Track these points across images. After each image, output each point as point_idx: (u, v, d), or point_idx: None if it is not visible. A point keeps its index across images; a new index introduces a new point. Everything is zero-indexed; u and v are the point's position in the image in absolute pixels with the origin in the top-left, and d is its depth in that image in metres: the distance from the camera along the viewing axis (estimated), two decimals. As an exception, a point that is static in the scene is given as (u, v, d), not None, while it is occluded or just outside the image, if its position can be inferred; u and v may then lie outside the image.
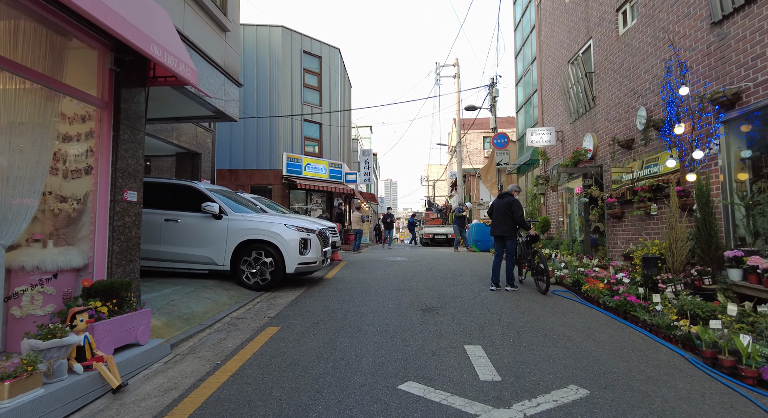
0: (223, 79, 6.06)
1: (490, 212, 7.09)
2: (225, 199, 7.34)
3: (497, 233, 6.72)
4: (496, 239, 6.85)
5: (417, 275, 8.29)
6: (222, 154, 16.97)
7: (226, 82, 6.27)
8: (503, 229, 6.62)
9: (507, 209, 6.62)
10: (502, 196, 6.86)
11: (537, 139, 9.77)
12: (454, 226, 16.08)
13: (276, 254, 6.65)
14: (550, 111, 11.03)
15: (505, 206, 6.67)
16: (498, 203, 6.83)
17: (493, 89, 15.85)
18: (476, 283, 7.21)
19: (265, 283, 6.66)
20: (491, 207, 7.07)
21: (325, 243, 7.54)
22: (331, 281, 7.71)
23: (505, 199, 6.74)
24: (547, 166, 11.10)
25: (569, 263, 7.17)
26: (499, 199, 6.87)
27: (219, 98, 5.98)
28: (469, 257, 12.03)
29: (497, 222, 6.72)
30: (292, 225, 6.87)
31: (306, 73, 18.45)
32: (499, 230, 6.67)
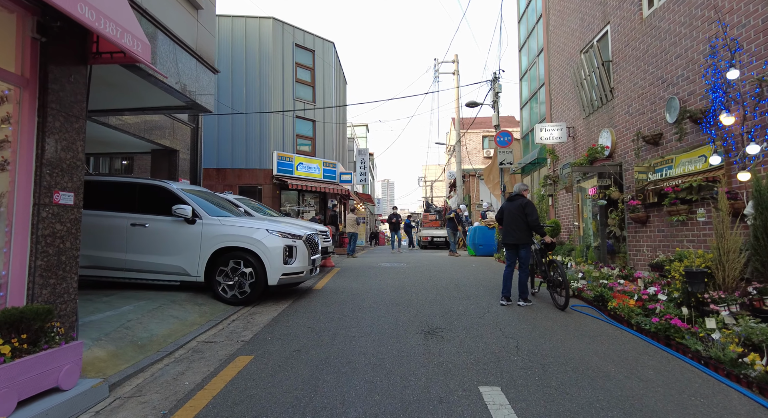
0: (194, 63, 5.31)
1: (500, 217, 6.37)
2: (201, 201, 6.59)
3: (510, 241, 5.99)
4: (507, 247, 6.13)
5: (416, 284, 7.55)
6: (209, 152, 16.20)
7: (199, 68, 5.52)
8: (517, 235, 5.90)
9: (520, 213, 5.91)
10: (513, 199, 6.14)
11: (546, 135, 9.07)
12: (447, 229, 15.45)
13: (256, 263, 5.91)
14: (559, 106, 10.33)
15: (518, 209, 5.95)
16: (509, 207, 6.11)
17: (495, 84, 15.15)
18: (484, 295, 6.48)
19: (244, 296, 5.91)
20: (500, 211, 6.35)
21: (314, 250, 6.80)
22: (321, 292, 6.96)
23: (516, 202, 6.02)
24: (556, 166, 10.40)
25: (587, 273, 6.46)
26: (510, 202, 6.15)
27: (189, 85, 5.22)
28: (471, 263, 11.30)
29: (509, 228, 6.00)
30: (275, 230, 6.12)
31: (298, 68, 17.70)
32: (512, 237, 5.95)
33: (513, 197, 6.17)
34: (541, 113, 12.16)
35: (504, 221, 6.19)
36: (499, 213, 6.38)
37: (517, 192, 6.17)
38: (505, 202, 6.28)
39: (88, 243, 6.00)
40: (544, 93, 11.59)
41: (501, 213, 6.34)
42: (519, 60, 14.64)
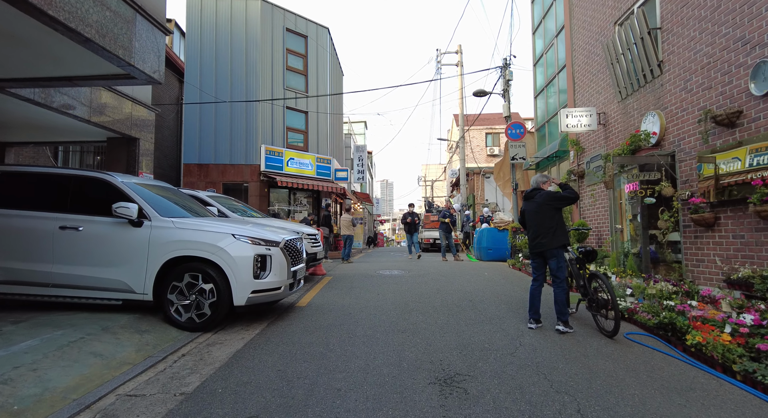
0: (132, 14, 4.07)
1: (522, 220, 5.18)
2: (154, 198, 5.38)
3: (538, 248, 4.80)
4: (533, 256, 4.92)
5: (422, 300, 6.33)
6: (190, 146, 14.97)
7: (142, 25, 4.28)
8: (544, 241, 4.70)
9: (545, 208, 4.73)
10: (531, 196, 4.96)
11: (573, 122, 7.86)
12: (440, 232, 14.16)
13: (219, 277, 4.69)
14: (585, 90, 9.12)
15: (540, 207, 4.77)
16: (530, 207, 4.94)
17: (506, 71, 13.94)
18: (507, 317, 5.25)
19: (204, 320, 4.68)
20: (521, 214, 5.17)
21: (296, 259, 5.58)
22: (305, 310, 5.73)
23: (536, 199, 4.85)
24: (581, 159, 9.19)
25: (637, 289, 5.24)
26: (529, 201, 4.98)
27: (126, 45, 3.98)
28: (483, 271, 10.08)
29: (535, 233, 4.81)
30: (245, 235, 4.89)
31: (289, 54, 16.47)
32: (539, 244, 4.76)
33: (531, 194, 4.98)
34: (560, 101, 10.95)
35: (527, 225, 5.01)
36: (521, 216, 5.19)
37: (535, 186, 4.98)
38: (525, 203, 5.10)
39: (2, 251, 4.78)
40: (565, 77, 10.38)
41: (522, 216, 5.16)
42: (533, 44, 13.43)
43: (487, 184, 25.97)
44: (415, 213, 14.40)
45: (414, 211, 14.46)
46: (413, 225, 14.29)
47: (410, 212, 14.30)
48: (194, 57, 15.19)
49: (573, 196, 4.76)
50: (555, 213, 4.76)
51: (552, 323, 4.94)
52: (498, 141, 33.77)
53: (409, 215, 14.23)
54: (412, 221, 14.21)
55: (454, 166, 34.91)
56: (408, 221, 14.26)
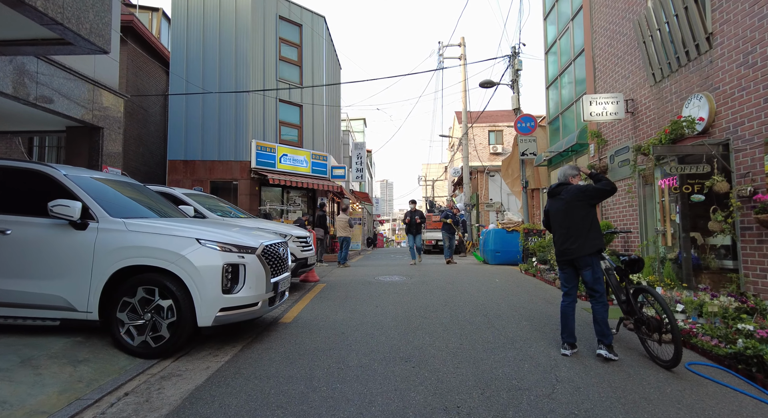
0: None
1: (546, 221, 4.32)
2: (109, 195, 4.56)
3: (567, 256, 3.95)
4: (562, 265, 4.06)
5: (427, 314, 5.47)
6: (175, 141, 14.12)
7: (79, -25, 3.40)
8: (574, 246, 3.86)
9: (574, 206, 3.90)
10: (556, 192, 4.11)
11: (598, 110, 7.01)
12: (443, 232, 13.16)
13: (180, 292, 3.84)
14: (607, 75, 8.26)
15: (568, 205, 3.94)
16: (555, 206, 4.11)
17: (515, 60, 13.10)
18: (531, 335, 4.39)
19: (161, 344, 3.82)
20: (545, 214, 4.32)
21: (278, 268, 4.72)
22: (290, 328, 4.88)
23: (564, 195, 4.00)
24: (603, 152, 8.33)
25: (689, 304, 4.38)
26: (555, 199, 4.15)
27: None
28: (493, 276, 9.21)
29: (563, 236, 3.97)
30: (212, 240, 4.03)
31: (283, 44, 15.61)
32: (567, 251, 3.91)
33: (556, 190, 4.12)
34: (577, 91, 10.09)
35: (552, 227, 4.16)
36: (545, 217, 4.34)
37: (562, 180, 4.13)
38: (549, 202, 4.25)
39: None
40: (583, 63, 9.52)
41: (546, 216, 4.31)
42: (544, 31, 12.57)
43: (492, 182, 25.13)
44: (419, 211, 12.54)
45: (417, 208, 12.65)
46: (416, 225, 12.39)
47: (412, 210, 12.49)
48: (180, 46, 14.33)
49: (609, 188, 3.90)
50: (587, 212, 3.92)
51: (587, 346, 4.09)
52: (501, 139, 32.93)
53: (411, 213, 12.39)
54: (413, 221, 12.30)
55: (456, 164, 34.06)
56: (408, 220, 12.43)
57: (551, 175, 12.15)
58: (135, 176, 13.88)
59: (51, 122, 6.05)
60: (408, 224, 12.36)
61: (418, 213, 12.37)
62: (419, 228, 12.45)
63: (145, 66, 15.33)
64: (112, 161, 6.65)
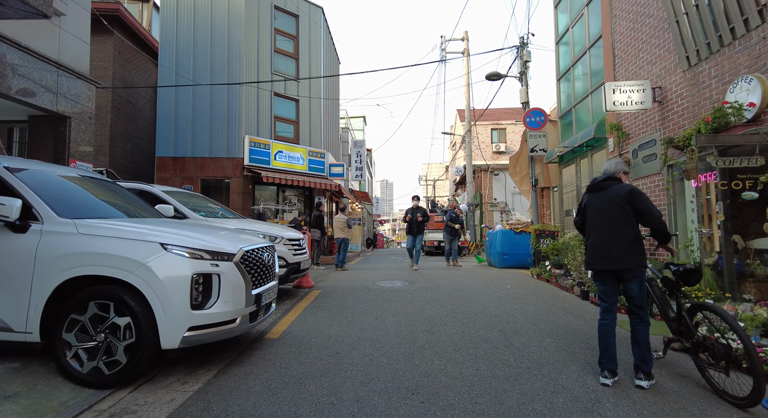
0: None
1: (581, 220, 3.64)
2: (63, 191, 3.94)
3: (605, 264, 3.28)
4: (600, 275, 3.38)
5: (434, 328, 4.83)
6: (164, 137, 13.47)
7: None
8: (617, 255, 3.20)
9: (623, 209, 3.23)
10: (601, 186, 3.43)
11: (622, 99, 6.37)
12: (444, 234, 12.54)
13: (141, 307, 3.20)
14: (629, 63, 7.61)
15: (613, 203, 3.27)
16: (597, 202, 3.42)
17: (523, 51, 12.45)
18: (558, 357, 3.75)
19: (116, 371, 3.18)
20: (580, 211, 3.63)
21: (262, 276, 4.07)
22: (276, 347, 4.23)
23: (611, 192, 3.33)
24: (624, 147, 7.68)
25: (748, 320, 3.73)
26: (597, 194, 3.45)
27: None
28: (504, 282, 8.57)
29: (604, 239, 3.30)
30: (180, 245, 3.38)
31: (278, 35, 14.96)
32: (608, 258, 3.24)
33: (602, 184, 3.43)
34: (592, 82, 9.44)
35: (590, 228, 3.47)
36: (579, 214, 3.65)
37: (610, 174, 3.45)
38: (589, 196, 3.55)
39: None
40: (599, 52, 8.87)
41: (582, 214, 3.61)
42: (554, 19, 11.93)
43: (496, 181, 24.50)
44: (421, 208, 11.20)
45: (420, 205, 11.29)
46: (417, 224, 10.93)
47: (415, 207, 11.13)
48: (170, 36, 13.69)
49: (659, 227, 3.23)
50: (632, 218, 3.25)
51: (624, 372, 3.43)
52: (504, 137, 32.33)
53: (413, 211, 11.01)
54: (414, 219, 10.86)
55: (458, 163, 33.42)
56: (409, 218, 10.97)
57: (563, 172, 11.51)
58: (122, 174, 13.23)
59: (9, 110, 5.40)
60: (408, 222, 11.03)
61: (421, 211, 11.05)
62: (421, 228, 11.10)
63: (133, 58, 14.69)
64: (83, 155, 6.00)
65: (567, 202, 11.30)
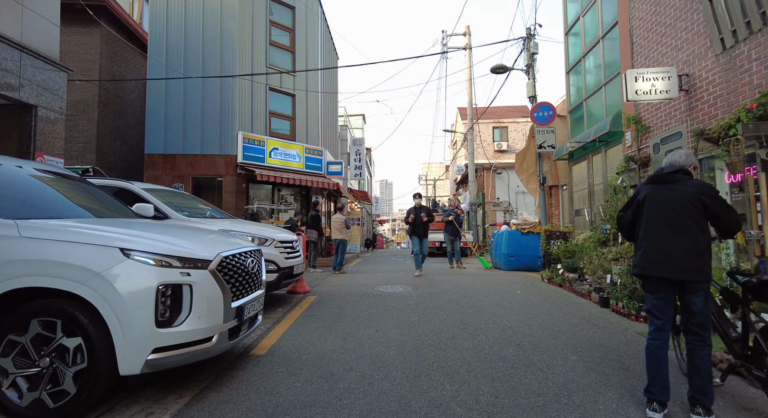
0: None
1: (629, 218, 3.05)
2: (8, 188, 3.40)
3: (667, 272, 2.70)
4: (657, 285, 2.79)
5: (442, 343, 4.30)
6: (153, 133, 12.94)
7: None
8: (684, 263, 2.65)
9: (692, 210, 2.68)
10: (669, 179, 2.85)
11: (645, 87, 5.85)
12: (445, 235, 12.04)
13: (95, 326, 2.68)
14: (650, 49, 7.09)
15: (684, 202, 2.71)
16: (664, 196, 2.81)
17: (530, 43, 11.92)
18: (589, 381, 3.23)
19: (63, 403, 2.66)
20: (635, 203, 3.00)
21: (245, 286, 3.55)
22: (262, 365, 3.70)
23: (684, 186, 2.76)
24: (643, 141, 7.16)
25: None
26: (662, 187, 2.86)
27: None
28: (513, 286, 8.04)
29: (665, 241, 2.74)
30: (143, 251, 2.86)
31: (273, 27, 14.43)
32: (670, 267, 2.68)
33: (670, 177, 2.86)
34: (606, 74, 8.93)
35: (648, 226, 2.85)
36: (631, 209, 3.04)
37: (680, 166, 2.87)
38: (648, 187, 2.94)
39: None
40: (614, 41, 8.35)
41: (635, 208, 3.00)
42: (564, 9, 11.42)
43: (499, 180, 24.01)
44: (425, 207, 10.31)
45: (423, 205, 10.36)
46: (422, 225, 9.87)
47: (417, 206, 10.11)
48: (159, 27, 13.15)
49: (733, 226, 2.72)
50: (702, 222, 2.70)
51: (672, 402, 2.91)
52: (506, 136, 31.83)
53: (416, 210, 9.96)
54: (418, 220, 9.81)
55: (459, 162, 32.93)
56: (412, 219, 9.90)
57: (573, 170, 10.99)
58: (111, 173, 12.70)
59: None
60: (412, 223, 9.93)
61: (424, 210, 10.01)
62: (426, 229, 10.06)
63: (122, 52, 14.16)
64: (52, 148, 5.47)
65: (578, 201, 10.79)
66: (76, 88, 12.25)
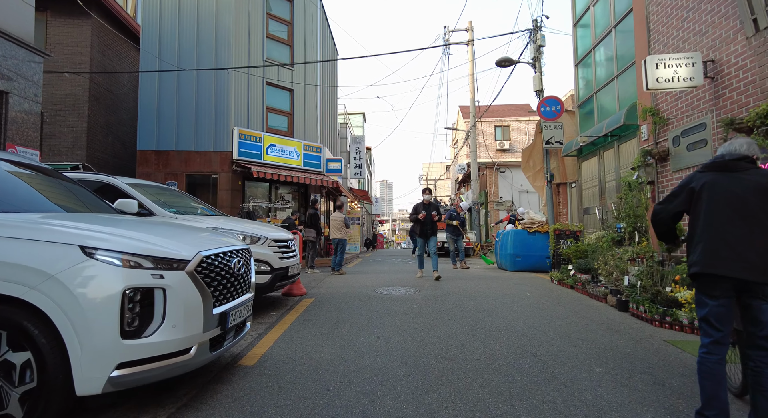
0: None
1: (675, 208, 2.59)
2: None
3: (735, 272, 2.27)
4: (713, 288, 2.35)
5: (450, 353, 3.91)
6: (146, 129, 12.55)
7: None
8: (758, 263, 2.24)
9: (765, 199, 2.28)
10: (733, 166, 2.43)
11: (667, 75, 5.46)
12: (447, 234, 11.72)
13: (48, 338, 2.29)
14: (668, 36, 6.70)
15: (756, 191, 2.31)
16: (727, 184, 2.40)
17: (537, 35, 11.54)
18: (620, 398, 2.84)
19: (9, 430, 2.27)
20: (688, 192, 2.54)
21: (232, 289, 3.16)
22: (250, 377, 3.31)
23: (753, 175, 2.35)
24: (662, 134, 6.76)
25: None
26: (726, 175, 2.43)
27: None
28: (522, 288, 7.65)
29: (732, 234, 2.32)
30: (108, 249, 2.47)
31: (271, 20, 14.04)
32: (739, 265, 2.26)
33: (735, 164, 2.43)
34: (618, 66, 8.53)
35: (707, 218, 2.40)
36: (675, 200, 2.60)
37: (742, 154, 2.45)
38: (706, 175, 2.50)
39: None
40: (628, 29, 7.96)
41: (685, 199, 2.55)
42: (572, 0, 11.01)
43: (502, 179, 23.62)
44: (435, 204, 9.37)
45: (433, 201, 9.45)
46: (431, 224, 9.01)
47: (427, 202, 9.10)
48: (152, 19, 12.76)
49: None
50: None
51: None
52: (508, 134, 31.46)
53: (426, 207, 9.00)
54: (429, 218, 8.89)
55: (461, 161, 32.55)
56: (423, 216, 8.86)
57: (582, 166, 10.60)
58: (102, 169, 12.29)
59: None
60: (421, 222, 8.95)
61: (434, 207, 9.11)
62: (435, 228, 9.16)
63: (114, 45, 13.77)
64: (27, 139, 5.07)
65: (587, 199, 10.39)
66: (66, 82, 11.87)
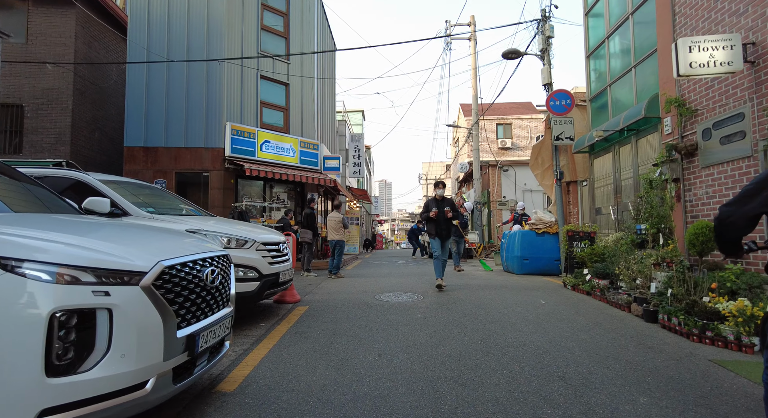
0: None
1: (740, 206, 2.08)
2: None
3: None
4: None
5: (464, 376, 3.39)
6: (133, 124, 12.01)
7: None
8: None
9: None
10: None
11: (702, 59, 4.95)
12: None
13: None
14: (697, 18, 6.18)
15: None
16: None
17: (545, 26, 11.01)
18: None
19: None
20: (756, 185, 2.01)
21: (203, 304, 2.64)
22: (228, 407, 2.80)
23: None
24: (688, 127, 6.24)
25: None
26: None
27: None
28: (533, 293, 7.12)
29: None
30: (36, 261, 1.93)
31: (265, 11, 13.52)
32: None
33: None
34: (635, 56, 8.01)
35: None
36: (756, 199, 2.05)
37: None
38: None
39: None
40: (653, 11, 7.42)
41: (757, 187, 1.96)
42: (582, -12, 10.50)
43: (505, 178, 23.13)
44: (449, 200, 8.02)
45: (447, 196, 8.20)
46: (446, 223, 7.61)
47: (440, 198, 7.82)
48: (140, 9, 12.21)
49: None
50: None
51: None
52: (510, 133, 30.95)
53: (439, 203, 7.68)
54: (442, 215, 7.48)
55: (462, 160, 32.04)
56: (435, 214, 7.42)
57: (594, 164, 10.08)
58: (88, 167, 11.75)
59: None
60: (435, 220, 7.54)
61: (448, 202, 7.76)
62: (450, 227, 7.84)
63: (101, 36, 13.23)
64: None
65: (600, 198, 9.87)
66: (48, 75, 11.33)
